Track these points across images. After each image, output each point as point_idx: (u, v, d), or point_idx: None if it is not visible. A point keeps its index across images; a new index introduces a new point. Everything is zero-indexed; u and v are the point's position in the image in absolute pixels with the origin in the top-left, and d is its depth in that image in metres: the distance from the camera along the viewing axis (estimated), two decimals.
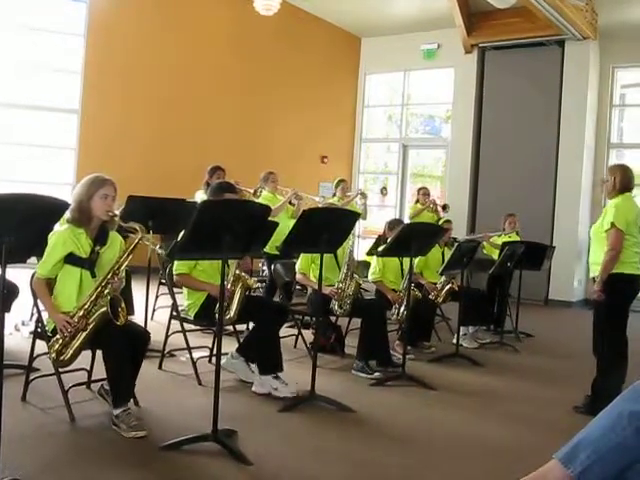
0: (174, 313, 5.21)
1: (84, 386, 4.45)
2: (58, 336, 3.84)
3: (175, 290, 5.28)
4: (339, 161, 14.32)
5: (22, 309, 5.86)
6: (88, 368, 4.45)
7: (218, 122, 11.86)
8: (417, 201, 9.81)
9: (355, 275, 5.95)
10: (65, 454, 3.51)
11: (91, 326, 3.81)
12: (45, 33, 11.03)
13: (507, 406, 5.06)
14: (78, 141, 10.91)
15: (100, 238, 4.10)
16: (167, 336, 5.28)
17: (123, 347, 3.88)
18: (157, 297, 7.08)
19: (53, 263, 3.96)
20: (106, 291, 3.88)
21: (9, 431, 2.97)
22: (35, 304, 4.26)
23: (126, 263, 3.98)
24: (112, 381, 3.94)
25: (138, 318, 5.94)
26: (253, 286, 4.99)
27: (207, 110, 11.79)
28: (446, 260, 6.73)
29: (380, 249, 6.09)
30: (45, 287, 4.03)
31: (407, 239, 5.44)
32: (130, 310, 6.02)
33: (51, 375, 4.15)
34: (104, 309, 3.81)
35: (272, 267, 6.61)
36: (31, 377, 4.33)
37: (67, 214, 4.04)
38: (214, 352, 5.00)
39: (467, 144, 12.91)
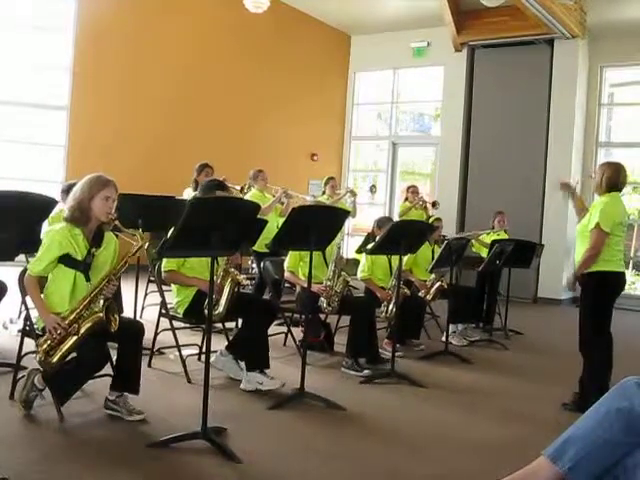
0: (163, 311, 5.20)
1: None
2: (47, 336, 3.77)
3: (164, 288, 5.27)
4: (329, 159, 14.34)
5: (10, 307, 5.85)
6: None
7: (207, 120, 11.83)
8: (406, 199, 9.81)
9: (343, 272, 5.95)
10: (54, 453, 3.49)
11: (83, 330, 3.75)
12: (33, 29, 10.97)
13: (496, 403, 5.07)
14: (67, 138, 10.86)
15: (96, 239, 4.04)
16: (156, 334, 5.27)
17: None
18: (146, 295, 7.05)
19: (48, 262, 3.89)
20: (100, 297, 3.85)
21: None
22: (23, 302, 4.24)
23: (123, 270, 3.95)
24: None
25: (127, 315, 5.92)
26: (242, 282, 4.97)
27: (197, 107, 11.76)
28: (435, 258, 6.75)
29: (369, 247, 6.10)
30: (37, 285, 3.96)
31: (396, 237, 5.45)
32: (119, 308, 5.99)
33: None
34: (100, 315, 3.78)
35: (261, 265, 6.60)
36: (19, 375, 4.30)
37: (65, 212, 4.00)
38: (203, 350, 4.99)
39: (456, 142, 12.95)
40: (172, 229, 3.72)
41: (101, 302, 3.84)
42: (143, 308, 6.94)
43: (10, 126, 10.86)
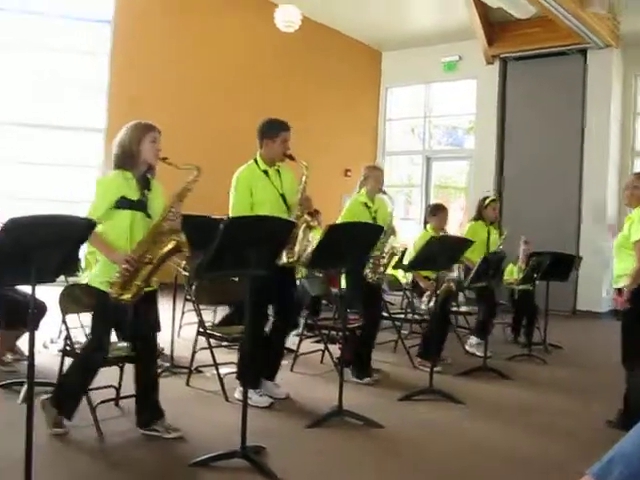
0: (201, 329, 5.23)
1: (112, 403, 4.48)
2: (118, 274, 3.77)
3: (201, 307, 5.31)
4: None
5: (50, 327, 5.95)
6: (116, 385, 4.48)
7: (240, 137, 11.89)
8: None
9: (392, 244, 5.92)
10: (94, 471, 3.52)
11: (159, 257, 3.79)
12: (71, 54, 11.23)
13: (537, 419, 5.00)
14: (104, 159, 11.02)
15: (145, 184, 4.05)
16: (194, 352, 5.30)
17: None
18: (183, 314, 7.09)
19: (107, 206, 3.86)
20: (164, 229, 3.86)
21: (39, 448, 3.00)
22: (63, 321, 4.31)
23: (183, 198, 3.98)
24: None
25: (164, 334, 5.97)
26: (314, 225, 4.89)
27: (229, 125, 11.85)
28: (474, 269, 6.60)
29: (407, 262, 6.08)
30: (96, 231, 3.82)
31: (433, 253, 5.42)
32: (157, 327, 6.03)
33: None
34: (178, 239, 3.83)
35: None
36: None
37: (113, 160, 4.00)
38: None
39: (490, 155, 12.86)
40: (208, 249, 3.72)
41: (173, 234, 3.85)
42: (180, 327, 6.98)
43: (48, 148, 11.09)
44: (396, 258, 6.12)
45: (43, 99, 11.07)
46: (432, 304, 6.17)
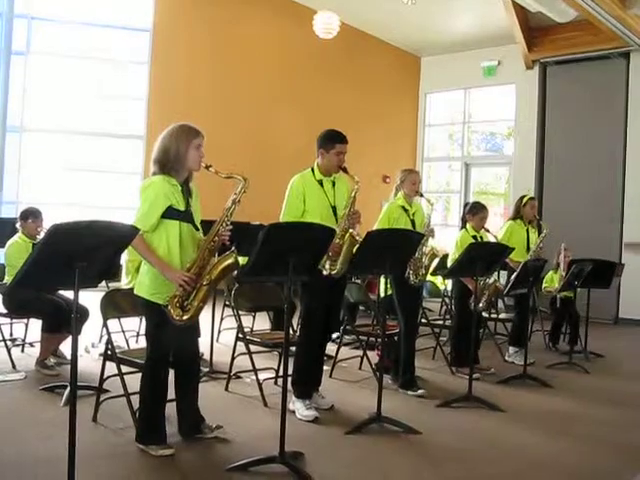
0: (240, 335, 5.26)
1: None
2: (177, 292, 3.66)
3: (240, 312, 5.33)
4: None
5: (91, 331, 6.04)
6: None
7: (279, 143, 11.97)
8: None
9: (432, 245, 5.88)
10: (135, 475, 3.56)
11: (214, 277, 3.68)
12: (111, 62, 11.44)
13: (581, 429, 4.90)
14: (144, 166, 11.17)
15: (188, 190, 3.92)
16: (233, 358, 5.32)
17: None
18: (222, 319, 7.15)
19: (157, 216, 3.71)
20: (217, 244, 3.76)
21: (81, 451, 3.03)
22: (105, 325, 4.37)
23: (234, 211, 3.86)
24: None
25: (204, 340, 6.01)
26: (359, 239, 4.78)
27: (268, 132, 11.92)
28: (512, 278, 6.55)
29: (447, 268, 6.05)
30: (148, 244, 3.72)
31: (472, 260, 5.38)
32: (197, 332, 6.10)
33: (121, 396, 4.25)
34: (232, 259, 3.71)
35: None
36: (101, 398, 4.42)
37: (156, 165, 3.84)
38: (280, 373, 5.02)
39: (530, 160, 12.72)
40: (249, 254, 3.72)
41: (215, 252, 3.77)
42: (219, 332, 7.03)
43: (91, 155, 11.30)
44: (437, 260, 6.08)
45: (86, 107, 11.27)
46: (481, 305, 6.13)
